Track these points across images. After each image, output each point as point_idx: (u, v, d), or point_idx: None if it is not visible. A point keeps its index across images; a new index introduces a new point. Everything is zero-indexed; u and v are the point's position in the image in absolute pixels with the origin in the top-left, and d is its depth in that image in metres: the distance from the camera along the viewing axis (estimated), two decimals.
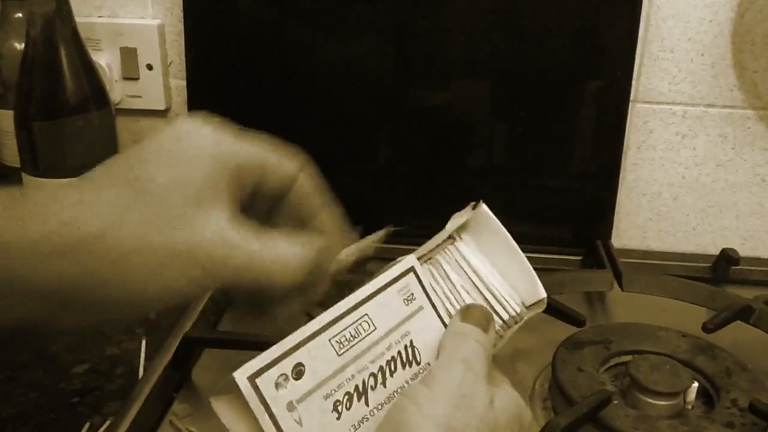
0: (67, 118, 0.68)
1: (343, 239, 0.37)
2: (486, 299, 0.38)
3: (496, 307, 0.38)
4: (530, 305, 0.39)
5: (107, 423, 0.54)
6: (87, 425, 0.55)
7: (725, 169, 0.82)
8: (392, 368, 0.33)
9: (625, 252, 0.81)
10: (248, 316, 0.36)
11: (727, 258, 0.78)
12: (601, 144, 0.79)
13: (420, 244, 0.39)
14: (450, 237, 0.39)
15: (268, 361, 0.30)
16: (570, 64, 0.77)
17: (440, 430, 0.31)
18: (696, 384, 0.55)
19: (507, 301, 0.38)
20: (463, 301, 0.37)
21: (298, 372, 0.31)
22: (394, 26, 0.78)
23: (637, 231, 0.85)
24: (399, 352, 0.34)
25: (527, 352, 0.64)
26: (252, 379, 0.30)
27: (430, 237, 0.39)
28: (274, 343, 0.33)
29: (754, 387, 0.55)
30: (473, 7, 0.76)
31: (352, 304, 0.34)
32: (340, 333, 0.33)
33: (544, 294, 0.38)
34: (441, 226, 0.39)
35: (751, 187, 0.82)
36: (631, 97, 0.79)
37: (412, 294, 0.36)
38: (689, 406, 0.55)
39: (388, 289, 0.35)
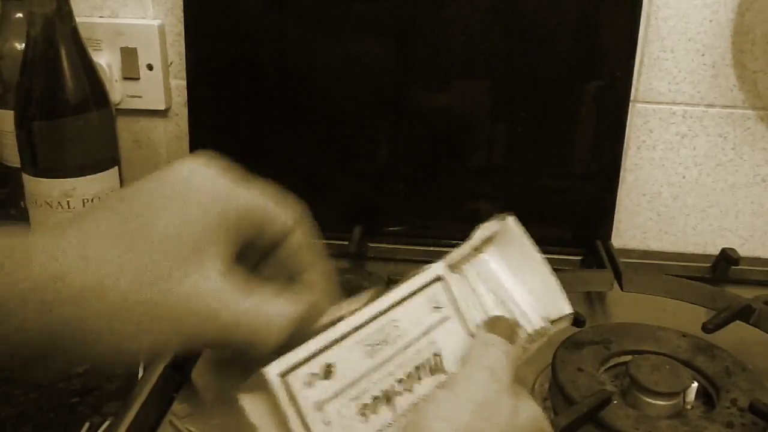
0: (67, 118, 0.68)
1: (330, 299, 0.35)
2: (511, 313, 0.38)
3: (521, 321, 0.38)
4: (555, 320, 0.39)
5: (107, 423, 0.54)
6: (87, 425, 0.55)
7: (725, 169, 0.82)
8: (420, 375, 0.33)
9: (625, 252, 0.81)
10: (223, 373, 0.34)
11: (727, 258, 0.78)
12: (601, 144, 0.79)
13: (420, 245, 0.39)
14: (476, 249, 0.39)
15: (300, 358, 0.30)
16: (570, 64, 0.77)
17: None
18: (696, 384, 0.55)
19: (531, 316, 0.38)
20: (489, 313, 0.37)
21: (328, 372, 0.31)
22: (395, 26, 0.78)
23: (637, 231, 0.85)
24: (427, 359, 0.34)
25: None
26: (283, 375, 0.29)
27: (430, 237, 0.39)
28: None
29: (754, 387, 0.55)
30: (473, 7, 0.76)
31: (380, 309, 0.33)
32: (369, 336, 0.32)
33: (570, 309, 0.39)
34: (441, 227, 0.39)
35: (751, 187, 0.82)
36: (631, 97, 0.79)
37: (440, 302, 0.35)
38: (689, 406, 0.55)
39: (417, 295, 0.35)
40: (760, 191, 0.82)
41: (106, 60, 0.82)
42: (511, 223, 0.39)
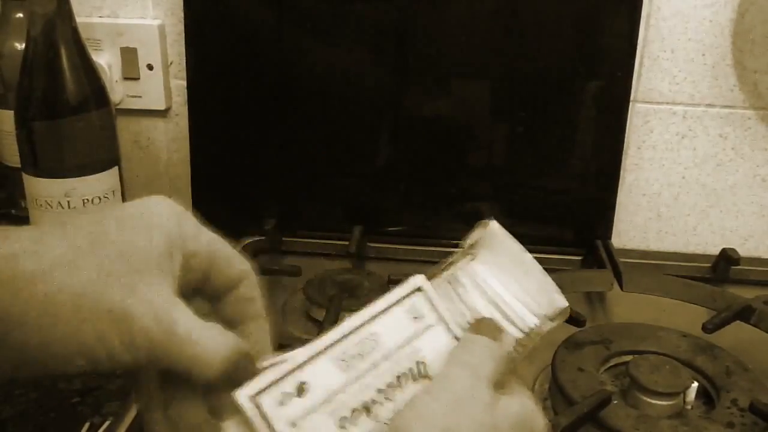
0: (68, 118, 0.68)
1: (263, 352, 0.35)
2: (504, 314, 0.38)
3: (515, 321, 0.38)
4: (552, 316, 0.39)
5: (107, 423, 0.54)
6: (87, 425, 0.55)
7: (725, 169, 0.82)
8: (401, 384, 0.33)
9: (625, 252, 0.81)
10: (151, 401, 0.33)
11: (727, 258, 0.78)
12: (601, 144, 0.79)
13: (420, 245, 0.40)
14: (463, 255, 0.39)
15: (271, 380, 0.31)
16: (570, 64, 0.78)
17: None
18: (696, 384, 0.55)
19: (524, 315, 0.38)
20: (478, 316, 0.37)
21: (301, 390, 0.31)
22: (395, 26, 0.78)
23: (637, 231, 0.85)
24: (410, 369, 0.34)
25: (527, 352, 0.64)
26: (254, 397, 0.30)
27: (430, 237, 0.39)
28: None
29: (754, 387, 0.55)
30: (473, 8, 0.76)
31: (357, 324, 0.34)
32: (344, 352, 0.33)
33: (565, 303, 0.38)
34: (441, 226, 0.39)
35: (751, 187, 0.82)
36: (631, 97, 0.79)
37: (422, 313, 0.36)
38: (689, 406, 0.55)
39: (395, 308, 0.35)
40: (760, 191, 0.82)
41: (106, 60, 0.82)
42: (495, 227, 0.39)
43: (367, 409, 0.32)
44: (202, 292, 0.35)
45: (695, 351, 0.60)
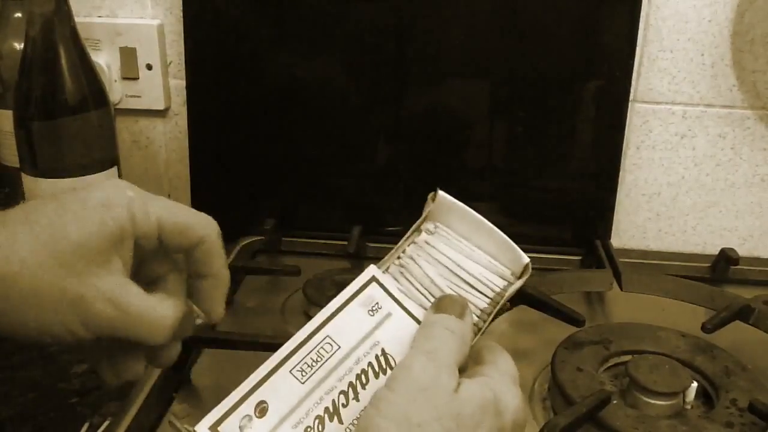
0: (67, 118, 0.68)
1: (218, 307, 0.40)
2: (467, 282, 0.37)
3: (479, 287, 0.37)
4: (516, 273, 0.38)
5: (107, 423, 0.54)
6: (86, 425, 0.55)
7: (725, 168, 0.82)
8: (364, 381, 0.33)
9: (625, 252, 0.81)
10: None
11: (727, 258, 0.78)
12: (601, 144, 0.79)
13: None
14: (417, 232, 0.39)
15: (229, 406, 0.31)
16: (570, 64, 0.78)
17: (401, 428, 0.30)
18: (695, 384, 0.55)
19: (488, 279, 0.38)
20: (440, 292, 0.37)
21: (262, 410, 0.31)
22: (394, 26, 0.78)
23: (637, 231, 0.85)
24: (370, 363, 0.33)
25: (527, 352, 0.64)
26: (214, 427, 0.30)
27: None
28: (272, 344, 0.33)
29: (753, 387, 0.55)
30: (473, 7, 0.76)
31: (311, 330, 0.34)
32: (301, 361, 0.32)
33: (526, 259, 0.38)
34: None
35: (751, 187, 0.82)
36: (631, 97, 0.79)
37: (377, 303, 0.35)
38: (689, 406, 0.55)
39: (350, 305, 0.35)
40: (759, 191, 0.82)
41: (105, 60, 0.82)
42: (442, 196, 0.39)
43: (332, 413, 0.32)
44: (165, 252, 0.39)
45: (694, 351, 0.60)
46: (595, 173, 0.80)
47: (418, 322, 0.35)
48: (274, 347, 0.35)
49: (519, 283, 0.38)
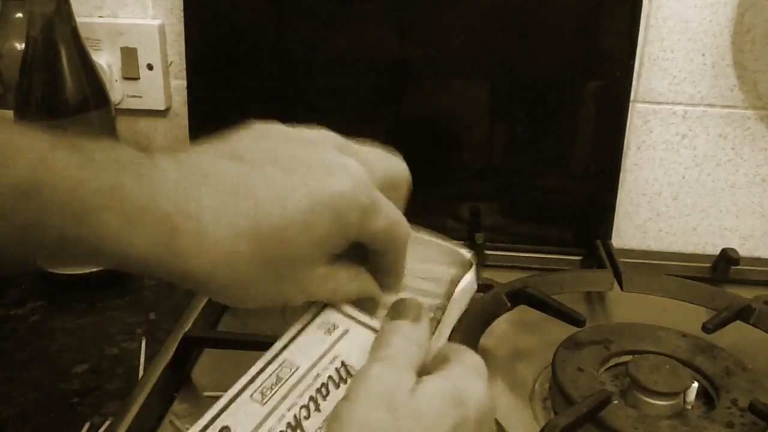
0: (67, 118, 0.68)
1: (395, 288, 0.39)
2: (419, 286, 0.38)
3: (429, 287, 0.38)
4: (462, 269, 0.39)
5: (107, 423, 0.54)
6: (87, 425, 0.55)
7: (725, 169, 0.82)
8: (324, 393, 0.33)
9: (625, 252, 0.81)
10: None
11: (727, 258, 0.78)
12: (601, 144, 0.79)
13: None
14: None
15: None
16: (570, 64, 0.78)
17: None
18: (696, 384, 0.55)
19: (434, 274, 0.38)
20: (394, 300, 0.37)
21: None
22: (394, 26, 0.78)
23: (637, 231, 0.85)
24: (330, 377, 0.33)
25: (527, 352, 0.64)
26: None
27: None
28: (272, 343, 0.33)
29: (754, 387, 0.55)
30: (473, 7, 0.76)
31: (269, 358, 0.34)
32: (260, 386, 0.33)
33: (468, 254, 0.39)
34: (441, 226, 0.40)
35: (751, 187, 0.82)
36: (631, 97, 0.79)
37: (333, 324, 0.36)
38: (689, 406, 0.55)
39: (306, 329, 0.36)
40: (760, 191, 0.82)
41: (106, 60, 0.82)
42: None
43: (293, 427, 0.32)
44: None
45: (695, 351, 0.60)
46: (595, 173, 0.80)
47: (374, 332, 0.35)
48: None
49: (467, 276, 0.39)
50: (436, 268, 0.39)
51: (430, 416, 0.31)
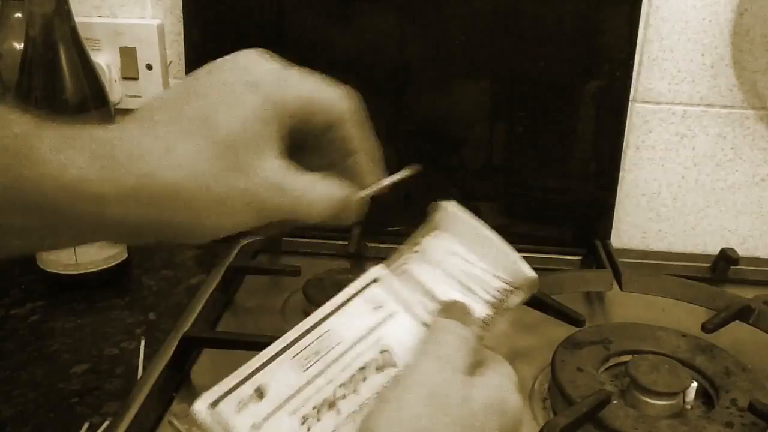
0: (67, 118, 0.68)
1: (373, 179, 0.40)
2: (470, 289, 0.38)
3: (481, 295, 0.38)
4: (518, 286, 0.38)
5: (107, 423, 0.54)
6: (86, 425, 0.55)
7: (725, 169, 0.82)
8: (364, 376, 0.33)
9: (625, 252, 0.81)
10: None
11: (727, 258, 0.78)
12: (601, 144, 0.79)
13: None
14: (423, 236, 0.39)
15: (229, 387, 0.31)
16: (570, 64, 0.78)
17: (411, 431, 0.30)
18: (695, 384, 0.55)
19: (492, 287, 0.38)
20: (445, 296, 0.37)
21: (260, 393, 0.31)
22: (394, 26, 0.78)
23: (637, 231, 0.85)
24: (373, 359, 0.34)
25: (527, 352, 0.64)
26: (212, 406, 0.30)
27: None
28: (271, 344, 0.33)
29: (753, 387, 0.55)
30: (473, 7, 0.76)
31: (314, 322, 0.34)
32: (302, 351, 0.33)
33: (532, 273, 0.38)
34: None
35: (751, 187, 0.82)
36: (631, 97, 0.79)
37: (382, 302, 0.36)
38: (689, 406, 0.55)
39: (353, 301, 0.35)
40: (759, 191, 0.82)
41: (105, 60, 0.82)
42: (452, 206, 0.39)
43: (330, 404, 0.32)
44: (304, 133, 0.37)
45: (695, 351, 0.60)
46: (595, 173, 0.80)
47: (421, 324, 0.35)
48: None
49: (523, 295, 0.38)
50: (494, 277, 0.38)
51: (476, 424, 0.32)
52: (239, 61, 0.38)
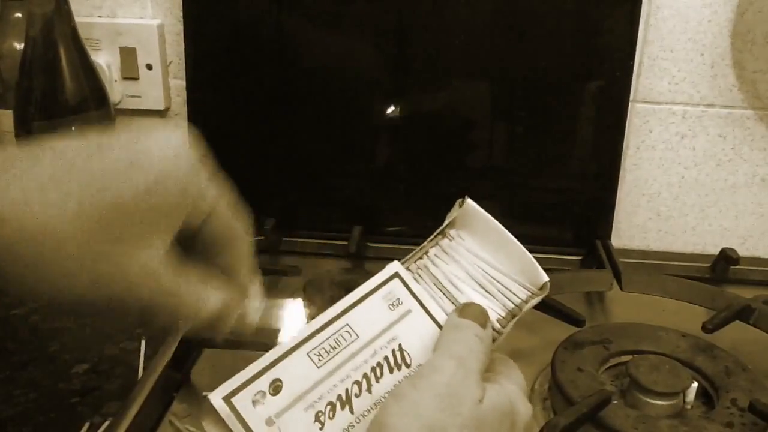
0: (67, 118, 0.68)
1: (246, 286, 0.36)
2: (487, 291, 0.38)
3: (498, 297, 0.38)
4: (534, 291, 0.38)
5: (107, 423, 0.54)
6: (87, 425, 0.55)
7: (725, 168, 0.82)
8: (378, 374, 0.33)
9: (625, 252, 0.81)
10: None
11: (727, 258, 0.78)
12: (601, 144, 0.79)
13: (420, 245, 0.39)
14: (441, 236, 0.39)
15: (244, 380, 0.31)
16: (570, 64, 0.78)
17: (423, 430, 0.30)
18: (695, 384, 0.55)
19: (509, 290, 0.38)
20: (461, 296, 0.37)
21: (276, 387, 0.31)
22: (394, 26, 0.78)
23: (637, 231, 0.85)
24: (386, 357, 0.34)
25: (527, 352, 0.64)
26: (228, 398, 0.30)
27: (429, 237, 0.39)
28: (272, 345, 0.33)
29: (753, 387, 0.55)
30: (473, 7, 0.76)
31: (331, 316, 0.34)
32: (318, 345, 0.33)
33: (545, 278, 0.38)
34: (441, 227, 0.39)
35: (751, 187, 0.82)
36: (631, 97, 0.79)
37: (398, 299, 0.35)
38: (689, 406, 0.55)
39: (371, 296, 0.35)
40: (759, 191, 0.82)
41: (105, 60, 0.82)
42: (470, 205, 0.39)
43: (344, 401, 0.32)
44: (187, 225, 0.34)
45: (695, 351, 0.60)
46: (595, 173, 0.80)
47: (437, 323, 0.35)
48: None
49: (536, 300, 0.38)
50: (512, 280, 0.38)
51: (487, 428, 0.32)
52: (148, 138, 0.32)
